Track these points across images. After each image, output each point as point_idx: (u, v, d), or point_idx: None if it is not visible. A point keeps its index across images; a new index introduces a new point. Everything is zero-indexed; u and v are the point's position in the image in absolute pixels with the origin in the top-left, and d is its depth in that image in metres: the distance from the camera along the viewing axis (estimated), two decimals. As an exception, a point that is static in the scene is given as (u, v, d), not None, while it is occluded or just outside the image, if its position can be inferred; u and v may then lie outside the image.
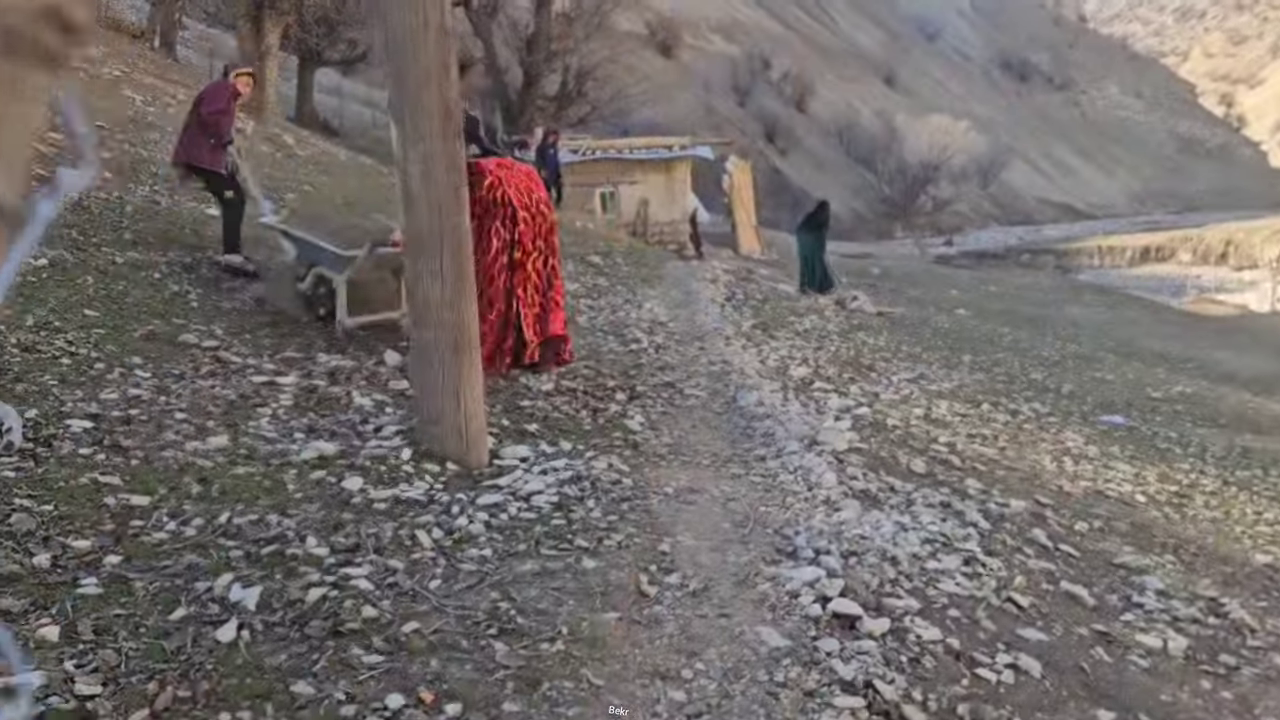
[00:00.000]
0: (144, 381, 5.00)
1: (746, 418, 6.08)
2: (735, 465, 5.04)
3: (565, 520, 3.87)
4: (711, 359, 8.34)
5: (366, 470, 4.20)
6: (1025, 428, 8.92)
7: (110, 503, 3.49)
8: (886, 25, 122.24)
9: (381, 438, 4.64)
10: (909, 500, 4.92)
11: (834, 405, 7.05)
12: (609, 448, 5.01)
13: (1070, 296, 30.89)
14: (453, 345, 4.36)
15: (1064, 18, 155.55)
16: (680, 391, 6.84)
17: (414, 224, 4.30)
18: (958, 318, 20.11)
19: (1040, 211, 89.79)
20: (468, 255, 4.39)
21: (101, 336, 5.61)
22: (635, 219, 23.99)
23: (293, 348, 6.36)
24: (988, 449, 7.24)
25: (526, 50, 29.99)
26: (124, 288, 6.76)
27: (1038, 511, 5.50)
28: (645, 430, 5.51)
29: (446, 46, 4.17)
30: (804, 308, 13.77)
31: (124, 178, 9.95)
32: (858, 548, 3.91)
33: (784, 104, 78.82)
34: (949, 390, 9.80)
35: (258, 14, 17.15)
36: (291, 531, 3.43)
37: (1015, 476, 6.47)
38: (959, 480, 5.70)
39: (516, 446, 4.76)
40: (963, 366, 12.17)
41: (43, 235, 1.33)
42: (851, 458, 5.48)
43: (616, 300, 11.25)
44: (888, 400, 8.24)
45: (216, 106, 7.63)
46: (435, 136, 4.20)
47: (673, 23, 77.69)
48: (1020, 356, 14.80)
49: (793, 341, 10.29)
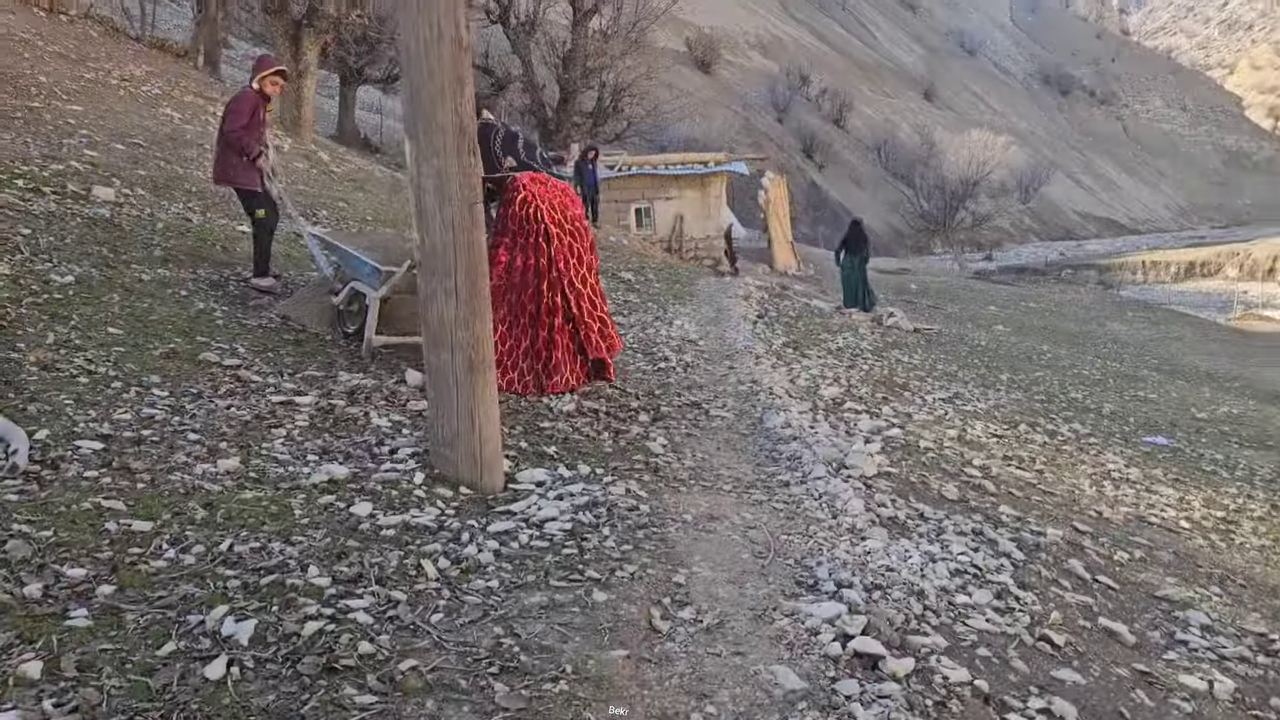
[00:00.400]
0: (160, 401, 4.94)
1: (773, 440, 5.92)
2: (758, 491, 4.88)
3: (578, 549, 3.73)
4: (740, 378, 8.19)
5: (377, 495, 4.09)
6: (1064, 449, 8.67)
7: (111, 528, 3.41)
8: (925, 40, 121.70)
9: (395, 461, 4.54)
10: (939, 528, 4.74)
11: (864, 426, 6.87)
12: (628, 472, 4.88)
13: (1112, 312, 30.36)
14: (467, 366, 4.25)
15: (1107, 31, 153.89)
16: (706, 412, 6.69)
17: (427, 242, 4.21)
18: (996, 334, 19.79)
19: (1082, 226, 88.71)
20: (482, 273, 4.28)
21: (121, 355, 5.57)
22: (670, 235, 23.91)
23: (315, 366, 6.30)
24: (1024, 472, 7.02)
25: (563, 67, 30.09)
26: (149, 305, 6.74)
27: (1075, 540, 5.29)
28: (667, 453, 5.37)
29: (461, 60, 4.08)
30: (838, 325, 13.57)
31: (158, 195, 10.00)
32: (883, 580, 3.74)
33: (822, 119, 78.58)
34: (985, 410, 9.57)
35: (296, 33, 17.29)
36: (293, 560, 3.33)
37: (1052, 502, 6.25)
38: (992, 506, 5.50)
39: (534, 470, 4.64)
40: (1000, 385, 11.92)
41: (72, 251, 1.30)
42: (880, 483, 5.31)
43: (647, 317, 11.13)
44: (921, 421, 8.04)
45: (238, 124, 7.55)
46: (449, 152, 4.11)
47: (711, 39, 77.87)
48: (1060, 375, 14.49)
49: (825, 360, 10.11)
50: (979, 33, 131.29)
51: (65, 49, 15.26)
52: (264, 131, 7.92)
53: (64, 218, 8.09)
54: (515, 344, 6.25)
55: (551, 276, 6.20)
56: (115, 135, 11.86)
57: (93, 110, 12.53)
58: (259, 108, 7.77)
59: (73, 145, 10.65)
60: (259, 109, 7.77)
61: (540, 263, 6.17)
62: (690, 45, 74.59)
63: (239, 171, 7.83)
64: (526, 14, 29.92)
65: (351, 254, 6.75)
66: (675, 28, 67.97)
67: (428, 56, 4.04)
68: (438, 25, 4.02)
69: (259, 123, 7.76)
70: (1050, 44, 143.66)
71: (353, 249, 6.79)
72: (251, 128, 7.66)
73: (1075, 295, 36.14)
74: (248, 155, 7.69)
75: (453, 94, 4.07)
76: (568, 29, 30.83)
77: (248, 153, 7.65)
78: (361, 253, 6.69)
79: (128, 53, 17.72)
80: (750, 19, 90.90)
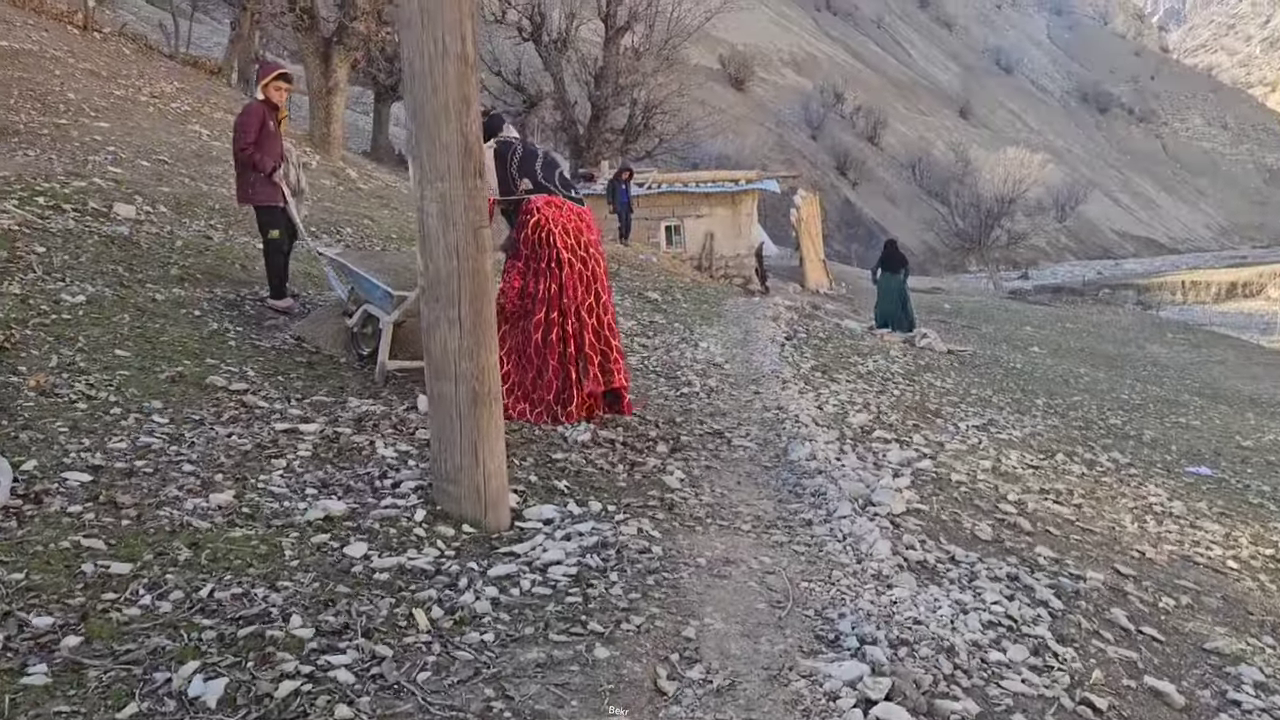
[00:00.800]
0: (159, 429, 4.78)
1: (797, 473, 5.66)
2: (778, 531, 4.62)
3: (582, 597, 3.50)
4: (766, 404, 7.93)
5: (374, 534, 3.89)
6: (1103, 481, 8.33)
7: (87, 570, 3.22)
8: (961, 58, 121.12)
9: (397, 495, 4.33)
10: (971, 573, 4.46)
11: (894, 458, 6.59)
12: (642, 509, 4.64)
13: (1152, 334, 29.73)
14: (471, 398, 4.04)
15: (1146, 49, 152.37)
16: (728, 442, 6.44)
17: (431, 267, 4.01)
18: (1031, 356, 19.37)
19: (1119, 245, 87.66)
20: (488, 301, 4.08)
21: (125, 379, 5.42)
22: (700, 253, 23.71)
23: (324, 390, 6.12)
24: (1062, 507, 6.70)
25: (595, 84, 30.04)
26: (160, 326, 6.61)
27: (1117, 585, 4.98)
28: (684, 488, 5.12)
29: (467, 78, 3.88)
30: (868, 347, 13.26)
31: (180, 212, 9.93)
32: (910, 635, 3.48)
33: (856, 137, 78.33)
34: (1020, 439, 9.24)
35: (326, 50, 17.30)
36: (276, 608, 3.12)
37: (1092, 541, 5.93)
38: (1028, 547, 5.21)
39: (542, 506, 4.41)
40: (1036, 411, 11.56)
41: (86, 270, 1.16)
42: (909, 521, 5.04)
43: (672, 339, 10.90)
44: (953, 451, 7.74)
45: (247, 140, 7.38)
46: (454, 175, 3.91)
47: (745, 56, 77.89)
48: (1098, 399, 14.08)
49: (854, 385, 9.82)
50: (1016, 50, 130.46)
51: (96, 66, 15.34)
52: (279, 143, 7.73)
53: (81, 235, 8.00)
54: (525, 373, 6.04)
55: (563, 304, 5.99)
56: (141, 152, 11.83)
57: (120, 127, 12.53)
58: (267, 119, 7.58)
59: (97, 162, 10.62)
60: (267, 120, 7.58)
61: (552, 288, 5.96)
62: (724, 62, 74.65)
63: (258, 189, 7.66)
64: (559, 31, 29.92)
65: (364, 277, 6.58)
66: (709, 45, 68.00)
67: (432, 73, 3.85)
68: (442, 41, 3.83)
69: (271, 135, 7.57)
70: (1088, 61, 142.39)
71: (365, 271, 6.62)
72: (262, 142, 7.47)
73: (1113, 316, 35.48)
74: (262, 171, 7.53)
75: (458, 113, 3.88)
76: (600, 46, 30.80)
77: (261, 169, 7.48)
78: (374, 275, 6.52)
79: (160, 70, 17.82)
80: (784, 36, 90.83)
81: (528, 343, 6.03)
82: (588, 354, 6.02)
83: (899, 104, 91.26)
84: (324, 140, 17.58)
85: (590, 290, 6.10)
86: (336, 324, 7.34)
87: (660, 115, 31.30)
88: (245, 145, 7.35)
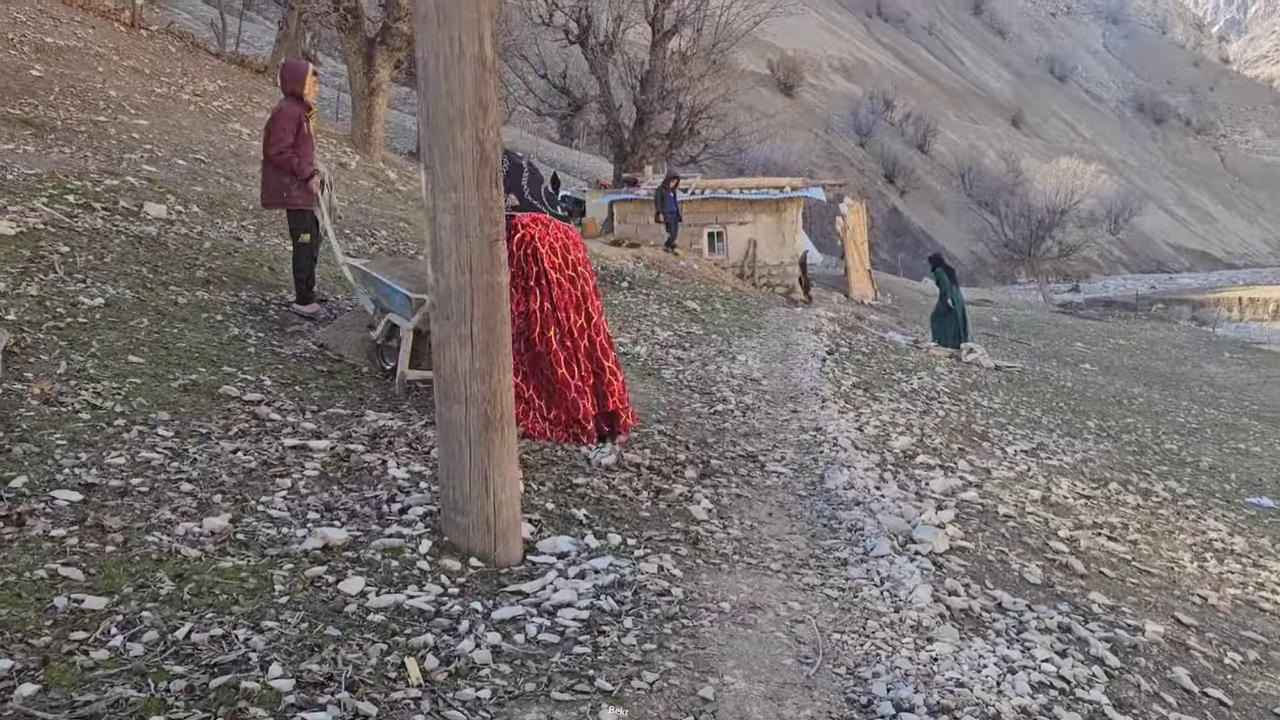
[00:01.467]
0: (161, 443, 4.56)
1: (833, 504, 5.33)
2: (810, 571, 4.29)
3: (592, 647, 3.21)
4: (804, 424, 7.60)
5: (374, 566, 3.63)
6: (1160, 514, 7.90)
7: (59, 605, 2.99)
8: (1014, 66, 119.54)
9: (404, 522, 4.07)
10: (1019, 623, 4.11)
11: (937, 487, 6.23)
12: (664, 543, 4.34)
13: (1208, 352, 28.86)
14: (482, 422, 3.77)
15: (1205, 59, 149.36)
16: (761, 466, 6.12)
17: (442, 282, 3.74)
18: (1083, 374, 18.80)
19: (1174, 259, 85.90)
20: (502, 319, 3.81)
21: (135, 387, 5.22)
22: (743, 260, 23.37)
23: (342, 402, 5.90)
24: (1116, 544, 6.30)
25: (641, 88, 29.80)
26: (179, 330, 6.42)
27: (1178, 637, 4.60)
28: (711, 519, 4.81)
29: (485, 81, 3.62)
30: (913, 363, 12.85)
31: (212, 212, 9.80)
32: (951, 700, 3.15)
33: (905, 144, 77.51)
34: (1071, 465, 8.82)
35: (369, 51, 17.20)
36: (256, 654, 2.87)
37: (1149, 584, 5.54)
38: (1082, 592, 4.84)
39: (557, 538, 4.13)
40: (1087, 434, 11.10)
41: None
42: (952, 561, 4.69)
43: (709, 351, 10.59)
44: (1000, 479, 7.36)
45: (285, 143, 7.19)
46: (469, 185, 3.64)
47: (794, 61, 77.43)
48: (1152, 422, 13.55)
49: (897, 404, 9.45)
50: (1070, 59, 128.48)
51: (140, 64, 15.34)
52: (313, 145, 7.54)
53: (108, 235, 7.86)
54: (541, 392, 5.78)
55: (559, 319, 5.75)
56: (178, 151, 11.75)
57: (158, 125, 12.47)
58: (303, 120, 7.39)
59: (132, 160, 10.53)
60: (303, 122, 7.39)
61: (545, 305, 5.73)
62: (772, 67, 74.24)
63: (292, 192, 7.46)
64: (605, 34, 29.72)
65: (385, 283, 6.35)
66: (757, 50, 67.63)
67: (447, 76, 3.59)
68: (459, 41, 3.57)
69: (306, 138, 7.38)
70: (1145, 71, 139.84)
71: (387, 278, 6.39)
72: (299, 145, 7.29)
73: (1167, 333, 34.56)
74: (299, 176, 7.33)
75: (474, 119, 3.61)
76: (646, 50, 30.56)
77: (299, 174, 7.29)
78: (395, 281, 6.29)
79: (204, 68, 17.83)
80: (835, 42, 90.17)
81: (539, 361, 5.77)
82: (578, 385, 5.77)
83: (950, 112, 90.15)
84: (365, 141, 17.48)
85: (580, 310, 5.85)
86: (361, 331, 7.12)
87: (706, 120, 30.97)
88: (284, 149, 7.16)
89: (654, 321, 11.78)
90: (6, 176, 8.45)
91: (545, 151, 45.60)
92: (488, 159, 3.67)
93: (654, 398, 7.83)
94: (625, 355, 9.53)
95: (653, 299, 13.54)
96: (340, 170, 15.49)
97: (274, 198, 7.56)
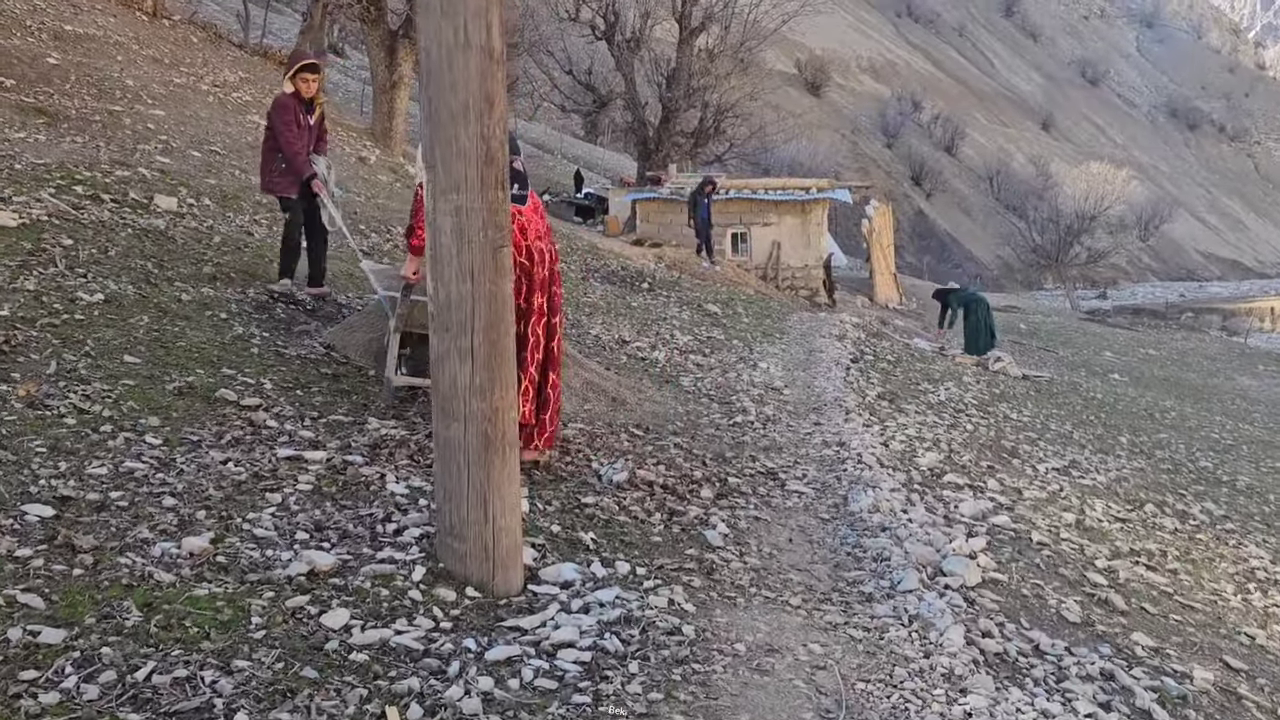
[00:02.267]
0: (148, 451, 4.32)
1: (857, 529, 5.03)
2: (833, 607, 3.99)
3: (593, 696, 2.93)
4: (826, 438, 7.29)
5: (362, 595, 3.36)
6: (1198, 539, 7.55)
7: (13, 638, 2.74)
8: (1045, 69, 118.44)
9: (398, 545, 3.81)
10: (1059, 670, 3.80)
11: (967, 510, 5.92)
12: (676, 572, 4.05)
13: (1240, 364, 28.23)
14: (482, 442, 3.50)
15: (1240, 65, 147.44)
16: (782, 485, 5.82)
17: (441, 291, 3.47)
18: (1112, 385, 18.36)
19: (1204, 267, 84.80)
20: (506, 331, 3.53)
21: (128, 390, 4.98)
22: (766, 262, 23.00)
23: (345, 408, 5.64)
24: (1156, 575, 5.96)
25: (666, 86, 29.49)
26: (180, 329, 6.19)
27: (1229, 685, 4.28)
28: (727, 546, 4.51)
29: (492, 74, 3.34)
30: (940, 372, 12.50)
31: (224, 206, 9.59)
32: (987, 765, 2.85)
33: (933, 146, 76.87)
34: (1105, 485, 8.47)
35: (392, 44, 17.00)
36: (222, 701, 2.61)
37: (1194, 621, 5.21)
38: (1124, 632, 4.52)
39: (562, 565, 3.85)
40: (1120, 450, 10.73)
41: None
42: (985, 596, 4.38)
43: (729, 358, 10.29)
44: (1032, 500, 7.02)
45: (287, 136, 7.02)
46: (472, 186, 3.37)
47: (822, 61, 76.94)
48: (1186, 437, 13.14)
49: (924, 417, 9.11)
50: (1103, 62, 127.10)
51: (160, 53, 15.18)
52: (310, 137, 7.35)
53: (114, 228, 7.65)
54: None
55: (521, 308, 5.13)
56: (194, 142, 11.56)
57: (175, 115, 12.29)
58: (298, 112, 7.20)
59: (146, 151, 10.34)
60: (298, 113, 7.20)
61: None
62: (800, 67, 73.79)
63: (274, 179, 7.39)
64: (632, 31, 29.44)
65: (376, 288, 6.11)
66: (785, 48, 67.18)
67: (450, 67, 3.31)
68: (464, 30, 3.29)
69: (305, 129, 7.21)
70: (1179, 76, 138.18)
71: (375, 278, 6.15)
72: (299, 138, 7.14)
73: (1199, 343, 33.90)
74: (297, 169, 7.16)
75: (479, 115, 3.34)
76: (673, 47, 30.25)
77: (299, 171, 7.12)
78: (381, 283, 6.05)
79: (226, 59, 17.66)
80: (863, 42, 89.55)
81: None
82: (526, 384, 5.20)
83: (979, 114, 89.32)
84: (385, 134, 17.28)
85: (529, 303, 5.20)
86: (369, 333, 6.87)
87: (732, 119, 30.63)
88: (289, 140, 7.02)
89: (674, 325, 11.49)
90: (15, 166, 8.26)
91: (570, 148, 45.36)
92: (493, 158, 3.40)
93: (671, 407, 7.54)
94: (643, 361, 9.25)
95: (673, 301, 13.25)
96: (360, 164, 15.29)
97: (267, 183, 7.51)
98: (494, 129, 3.39)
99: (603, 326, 10.29)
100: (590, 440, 5.95)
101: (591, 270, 14.16)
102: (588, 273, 13.87)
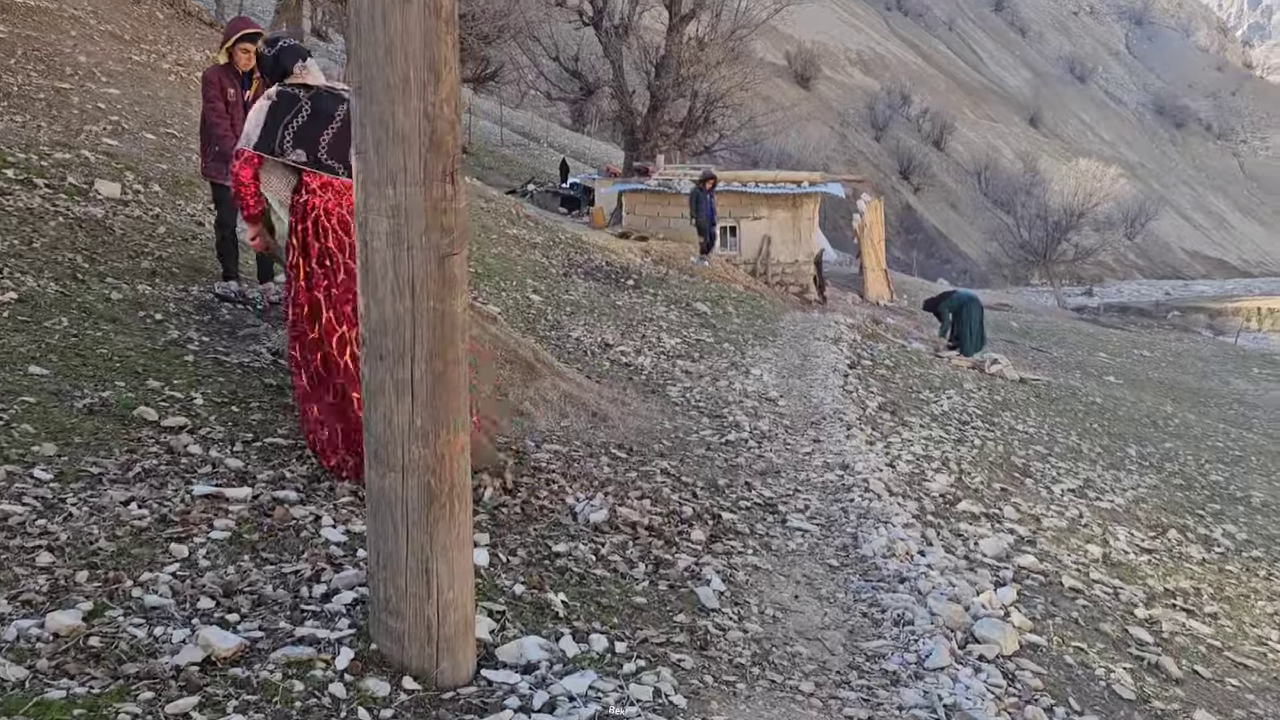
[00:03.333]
0: (31, 490, 3.60)
1: (871, 580, 4.35)
2: (853, 693, 3.31)
3: None
4: (828, 459, 6.62)
5: (270, 691, 2.66)
6: (1227, 570, 6.95)
7: None
8: (1034, 65, 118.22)
9: (324, 617, 3.11)
10: (1124, 774, 3.15)
11: (989, 550, 5.26)
12: (663, 647, 3.35)
13: (1234, 367, 27.76)
14: (425, 497, 2.81)
15: (1228, 63, 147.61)
16: (782, 520, 5.13)
17: (374, 310, 2.77)
18: (1109, 388, 17.82)
19: (1190, 265, 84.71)
20: (455, 360, 2.83)
21: (26, 409, 4.26)
22: (756, 257, 22.30)
23: (285, 429, 4.92)
24: (1197, 623, 5.32)
25: (655, 74, 28.75)
26: (104, 333, 5.46)
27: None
28: (723, 607, 3.81)
29: (441, 38, 2.63)
30: (939, 379, 11.85)
31: (174, 193, 8.83)
32: None
33: (921, 140, 76.41)
34: (1124, 507, 7.85)
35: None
36: None
37: (1251, 684, 4.56)
38: (1184, 709, 3.87)
39: (525, 640, 3.15)
40: (1130, 464, 10.13)
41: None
42: (1026, 669, 3.72)
43: (720, 363, 9.60)
44: (1052, 530, 6.38)
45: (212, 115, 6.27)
46: (412, 178, 2.67)
47: (812, 53, 76.40)
48: (1192, 447, 12.56)
49: (929, 430, 8.46)
50: (1091, 59, 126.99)
51: (120, 29, 14.35)
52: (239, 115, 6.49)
53: (44, 216, 6.91)
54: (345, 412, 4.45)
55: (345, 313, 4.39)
56: (149, 123, 10.78)
57: (131, 95, 11.49)
58: (226, 87, 6.38)
59: (93, 132, 9.56)
60: (226, 88, 6.38)
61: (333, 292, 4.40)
62: (790, 58, 73.17)
63: (209, 163, 6.65)
64: (621, 17, 28.67)
65: None
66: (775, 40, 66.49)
67: (385, 25, 2.61)
68: (404, -19, 2.58)
69: (234, 106, 6.39)
70: (1167, 74, 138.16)
71: None
72: (220, 113, 6.34)
73: (1191, 344, 33.44)
74: (213, 141, 6.42)
75: (421, 87, 2.63)
76: (662, 35, 29.49)
77: (223, 149, 6.29)
78: None
79: (194, 37, 16.83)
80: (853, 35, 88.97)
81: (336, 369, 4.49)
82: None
83: (967, 109, 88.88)
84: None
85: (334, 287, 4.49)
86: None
87: (721, 109, 29.90)
88: (213, 116, 6.23)
89: (660, 327, 10.79)
90: (-63, 146, 7.51)
91: (555, 137, 44.57)
92: (441, 144, 2.69)
93: (658, 422, 6.85)
94: (628, 367, 8.56)
95: (660, 300, 12.54)
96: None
97: (205, 168, 6.78)
98: (441, 107, 2.68)
99: (585, 328, 9.59)
100: (567, 466, 5.25)
101: (575, 265, 13.44)
102: (570, 268, 13.15)
